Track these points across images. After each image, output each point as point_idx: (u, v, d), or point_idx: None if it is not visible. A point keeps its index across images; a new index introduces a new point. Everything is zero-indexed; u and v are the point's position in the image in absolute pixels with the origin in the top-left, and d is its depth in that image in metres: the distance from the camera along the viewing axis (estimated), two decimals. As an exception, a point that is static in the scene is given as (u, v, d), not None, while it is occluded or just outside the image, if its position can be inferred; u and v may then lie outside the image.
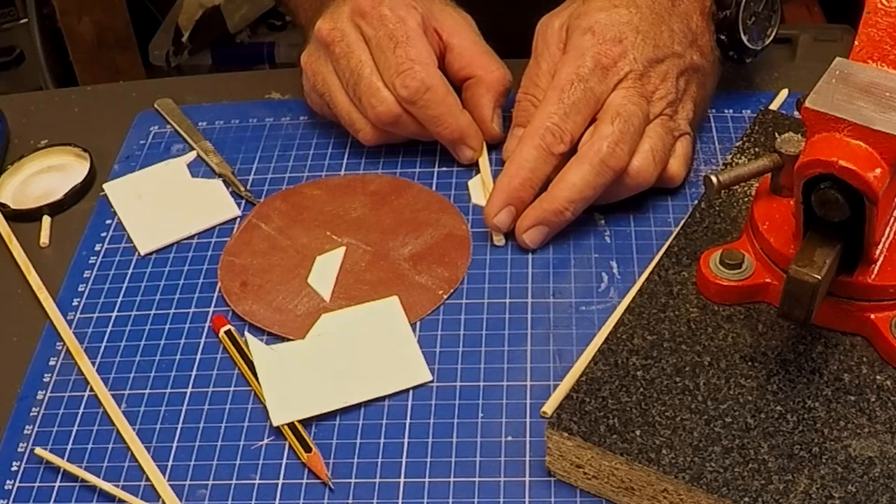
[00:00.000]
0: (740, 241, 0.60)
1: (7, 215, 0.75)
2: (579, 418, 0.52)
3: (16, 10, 1.70)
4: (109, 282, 0.69)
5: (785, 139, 0.57)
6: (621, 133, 0.64)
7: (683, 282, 0.59)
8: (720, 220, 0.63)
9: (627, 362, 0.55)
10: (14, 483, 0.57)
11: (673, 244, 0.62)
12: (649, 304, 0.58)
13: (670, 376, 0.54)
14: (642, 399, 0.53)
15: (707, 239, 0.62)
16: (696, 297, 0.58)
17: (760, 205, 0.59)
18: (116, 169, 0.78)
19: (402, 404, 0.59)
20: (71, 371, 0.63)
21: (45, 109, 0.86)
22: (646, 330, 0.57)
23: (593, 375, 0.54)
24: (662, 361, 0.55)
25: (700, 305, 0.58)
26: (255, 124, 0.80)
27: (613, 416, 0.52)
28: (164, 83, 0.92)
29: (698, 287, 0.59)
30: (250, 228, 0.71)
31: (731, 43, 0.71)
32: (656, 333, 0.56)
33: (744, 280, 0.57)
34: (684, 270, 0.60)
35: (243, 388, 0.61)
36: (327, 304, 0.65)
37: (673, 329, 0.57)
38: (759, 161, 0.58)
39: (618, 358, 0.55)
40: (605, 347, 0.56)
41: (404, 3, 0.71)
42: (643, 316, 0.57)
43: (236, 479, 0.56)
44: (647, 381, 0.54)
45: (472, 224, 0.69)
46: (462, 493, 0.54)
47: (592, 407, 0.53)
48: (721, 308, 0.58)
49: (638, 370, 0.55)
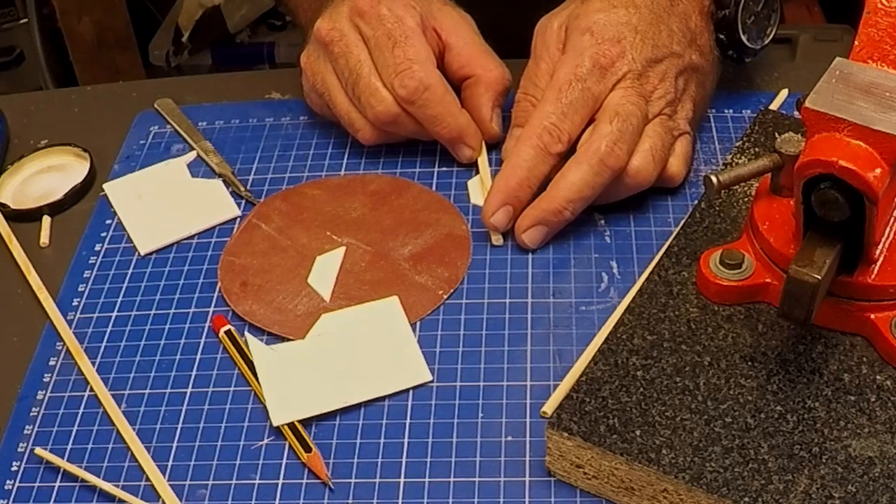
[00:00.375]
0: (740, 241, 0.60)
1: (7, 215, 0.75)
2: (579, 418, 0.52)
3: (16, 10, 1.70)
4: (109, 282, 0.69)
5: (785, 139, 0.57)
6: (620, 132, 0.64)
7: (683, 282, 0.59)
8: (720, 220, 0.63)
9: (627, 362, 0.55)
10: (14, 483, 0.57)
11: (673, 244, 0.62)
12: (649, 304, 0.58)
13: (670, 376, 0.54)
14: (642, 399, 0.53)
15: (707, 239, 0.62)
16: (696, 297, 0.58)
17: (760, 205, 0.59)
18: (116, 169, 0.78)
19: (402, 404, 0.59)
20: (71, 371, 0.63)
21: (45, 109, 0.86)
22: (646, 330, 0.57)
23: (593, 375, 0.54)
24: (662, 361, 0.55)
25: (700, 305, 0.58)
26: (255, 124, 0.80)
27: (613, 416, 0.52)
28: (164, 83, 0.92)
29: (698, 287, 0.59)
30: (250, 228, 0.71)
31: (731, 42, 0.71)
32: (656, 333, 0.56)
33: (744, 280, 0.57)
34: (684, 270, 0.60)
35: (243, 388, 0.61)
36: (327, 304, 0.65)
37: (673, 329, 0.57)
38: (760, 161, 0.58)
39: (618, 358, 0.55)
40: (604, 347, 0.56)
41: (403, 2, 0.71)
42: (643, 316, 0.57)
43: (236, 479, 0.56)
44: (647, 381, 0.54)
45: (472, 224, 0.69)
46: (462, 493, 0.54)
47: (592, 407, 0.53)
48: (721, 308, 0.58)
49: (638, 370, 0.55)
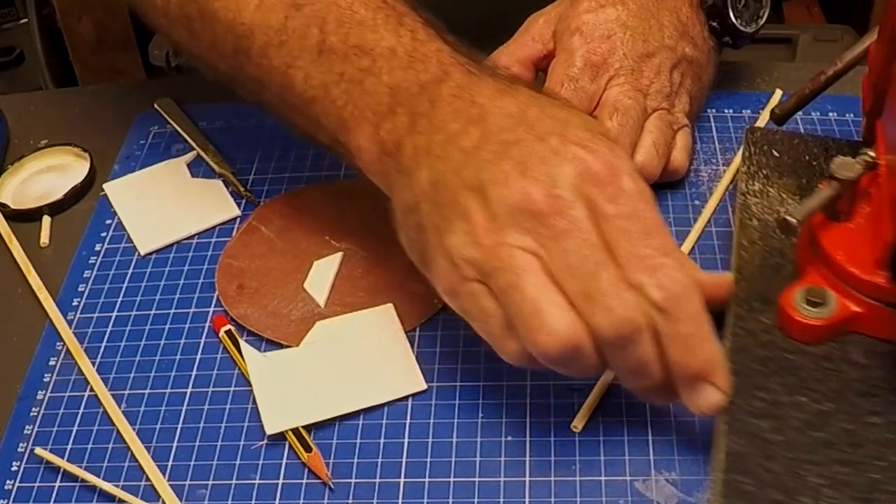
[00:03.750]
0: (809, 275, 0.56)
1: (7, 215, 0.75)
2: (746, 502, 0.49)
3: (16, 10, 1.70)
4: (109, 282, 0.69)
5: (840, 164, 0.55)
6: (621, 126, 0.64)
7: (767, 329, 0.56)
8: (768, 254, 0.60)
9: (758, 429, 0.51)
10: (14, 483, 0.57)
11: (737, 290, 0.58)
12: (748, 360, 0.54)
13: (804, 432, 0.51)
14: (791, 463, 0.50)
15: (766, 277, 0.58)
16: (784, 341, 0.55)
17: (826, 235, 0.56)
18: (116, 169, 0.78)
19: (403, 404, 0.59)
20: (71, 371, 0.63)
21: (45, 109, 0.86)
22: (758, 389, 0.53)
23: (735, 451, 0.50)
24: (789, 418, 0.52)
25: (793, 350, 0.55)
26: (255, 124, 0.80)
27: (773, 490, 0.49)
28: (164, 83, 0.92)
29: (787, 331, 0.55)
30: (250, 231, 0.70)
31: (724, 29, 0.71)
32: (768, 389, 0.53)
33: (833, 315, 0.55)
34: (761, 316, 0.56)
35: (243, 388, 0.61)
36: (322, 309, 0.64)
37: (781, 381, 0.53)
38: (824, 192, 0.56)
39: (747, 426, 0.52)
40: (729, 419, 0.51)
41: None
42: (748, 375, 0.53)
43: (236, 479, 0.56)
44: (787, 443, 0.51)
45: (472, 224, 0.69)
46: (462, 493, 0.54)
47: (752, 487, 0.49)
48: (814, 348, 0.55)
49: (771, 433, 0.51)
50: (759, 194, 0.62)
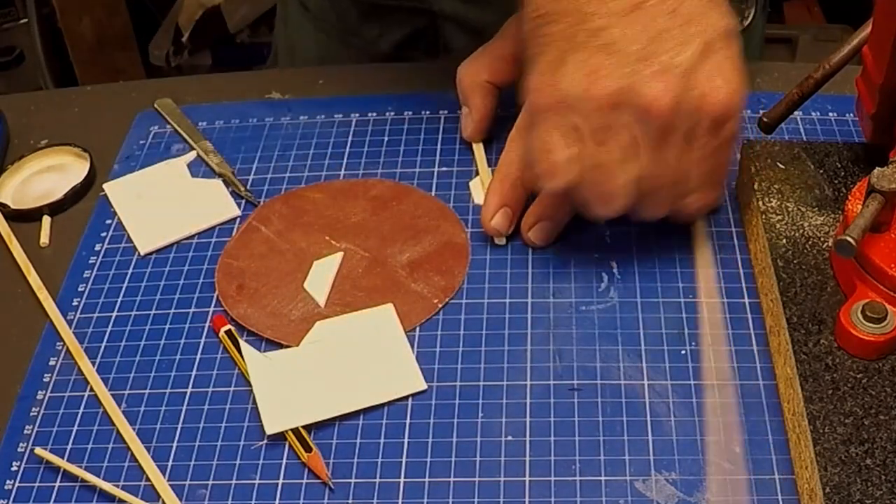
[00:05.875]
0: (861, 290, 0.56)
1: (7, 215, 0.75)
2: None
3: (16, 10, 1.70)
4: (109, 282, 0.69)
5: (880, 175, 0.55)
6: None
7: (829, 350, 0.56)
8: (807, 273, 0.60)
9: (851, 455, 0.51)
10: (14, 483, 0.57)
11: (788, 315, 0.58)
12: (821, 386, 0.54)
13: (894, 452, 0.51)
14: (892, 486, 0.50)
15: (813, 297, 0.58)
16: (850, 360, 0.55)
17: (871, 249, 0.56)
18: (116, 169, 0.78)
19: (403, 404, 0.59)
20: (71, 371, 0.63)
21: (45, 109, 0.86)
22: (839, 414, 0.53)
23: (836, 482, 0.50)
24: (877, 440, 0.52)
25: (859, 368, 0.55)
26: (255, 124, 0.80)
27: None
28: (164, 83, 0.92)
29: (850, 350, 0.55)
30: (250, 231, 0.70)
31: None
32: (848, 413, 0.53)
33: (895, 328, 0.55)
34: (820, 338, 0.56)
35: (243, 388, 0.61)
36: (322, 309, 0.64)
37: (859, 403, 0.53)
38: (871, 206, 0.55)
39: (840, 455, 0.51)
40: (819, 449, 0.51)
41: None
42: (825, 400, 0.53)
43: (236, 479, 0.56)
44: (882, 466, 0.51)
45: (473, 225, 0.69)
46: (462, 493, 0.54)
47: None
48: (879, 364, 0.55)
49: (865, 459, 0.51)
50: (778, 211, 0.62)
